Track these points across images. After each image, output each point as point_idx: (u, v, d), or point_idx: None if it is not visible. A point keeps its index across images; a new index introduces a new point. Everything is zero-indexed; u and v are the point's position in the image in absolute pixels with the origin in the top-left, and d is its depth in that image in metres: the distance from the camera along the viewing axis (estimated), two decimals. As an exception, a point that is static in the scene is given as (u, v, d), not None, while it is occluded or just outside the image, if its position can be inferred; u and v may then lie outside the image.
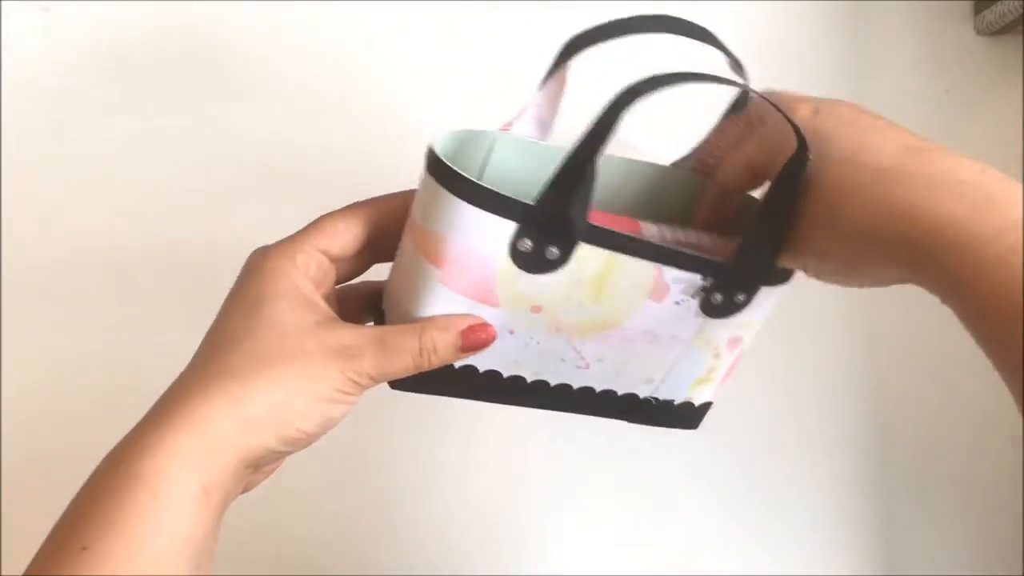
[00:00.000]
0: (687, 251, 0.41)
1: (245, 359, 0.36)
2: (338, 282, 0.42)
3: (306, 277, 0.39)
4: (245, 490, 0.39)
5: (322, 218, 0.40)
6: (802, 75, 0.70)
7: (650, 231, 0.42)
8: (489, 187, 0.37)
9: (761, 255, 0.41)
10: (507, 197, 0.37)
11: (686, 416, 0.48)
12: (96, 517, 0.32)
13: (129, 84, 0.68)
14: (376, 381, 0.38)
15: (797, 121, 0.36)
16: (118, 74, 0.68)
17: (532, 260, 0.38)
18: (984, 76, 0.70)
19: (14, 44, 0.67)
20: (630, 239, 0.40)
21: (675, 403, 0.47)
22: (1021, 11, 0.64)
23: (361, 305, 0.43)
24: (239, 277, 0.39)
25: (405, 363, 0.38)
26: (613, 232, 0.39)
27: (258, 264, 0.39)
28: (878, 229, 0.34)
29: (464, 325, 0.39)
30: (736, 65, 0.44)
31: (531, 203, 0.37)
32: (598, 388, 0.45)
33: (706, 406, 0.48)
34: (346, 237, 0.40)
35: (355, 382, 0.37)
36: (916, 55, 0.70)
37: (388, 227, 0.40)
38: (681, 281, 0.41)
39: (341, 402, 0.37)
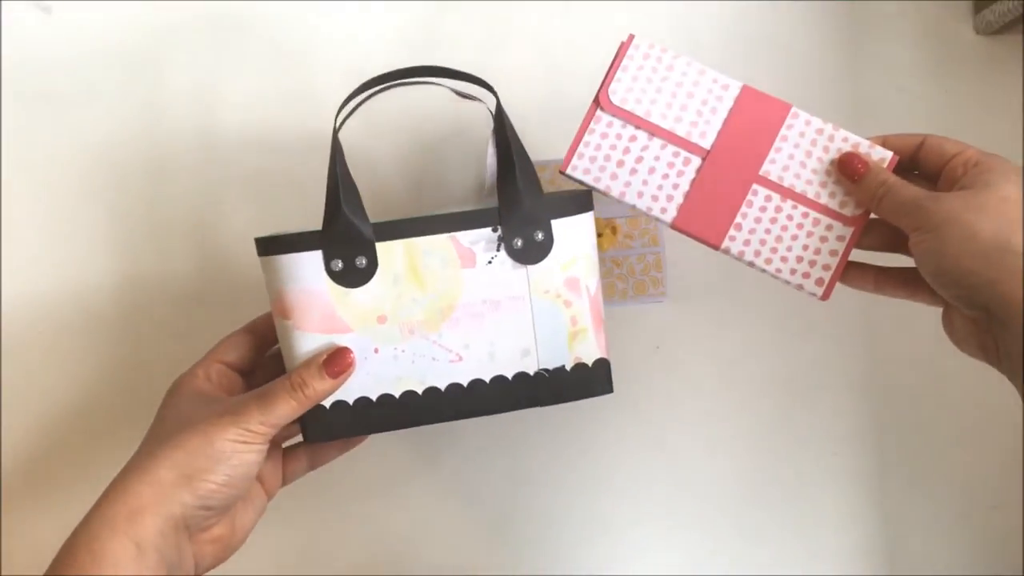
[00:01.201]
0: (460, 209, 0.47)
1: (155, 440, 0.45)
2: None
3: (207, 381, 0.49)
4: (201, 566, 0.46)
5: (220, 340, 0.51)
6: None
7: (803, 116, 0.50)
8: (283, 233, 0.46)
9: (520, 200, 0.46)
10: (300, 233, 0.46)
11: (590, 379, 0.50)
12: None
13: (130, 85, 0.68)
14: (270, 427, 0.45)
15: (1002, 161, 0.46)
16: (118, 74, 0.68)
17: (349, 275, 0.46)
18: (984, 76, 0.70)
19: (14, 44, 0.67)
20: (412, 221, 0.46)
21: (568, 368, 0.49)
22: (1021, 11, 0.64)
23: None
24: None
25: (286, 403, 0.45)
26: (395, 222, 0.46)
27: (170, 388, 0.49)
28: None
29: (324, 355, 0.46)
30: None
31: (319, 230, 0.46)
32: (487, 378, 0.49)
33: (603, 364, 0.50)
34: (238, 347, 0.51)
35: (250, 430, 0.44)
36: (916, 55, 0.70)
37: (272, 333, 0.50)
38: (477, 240, 0.47)
39: (242, 451, 0.43)
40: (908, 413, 0.70)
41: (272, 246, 0.46)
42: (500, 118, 0.47)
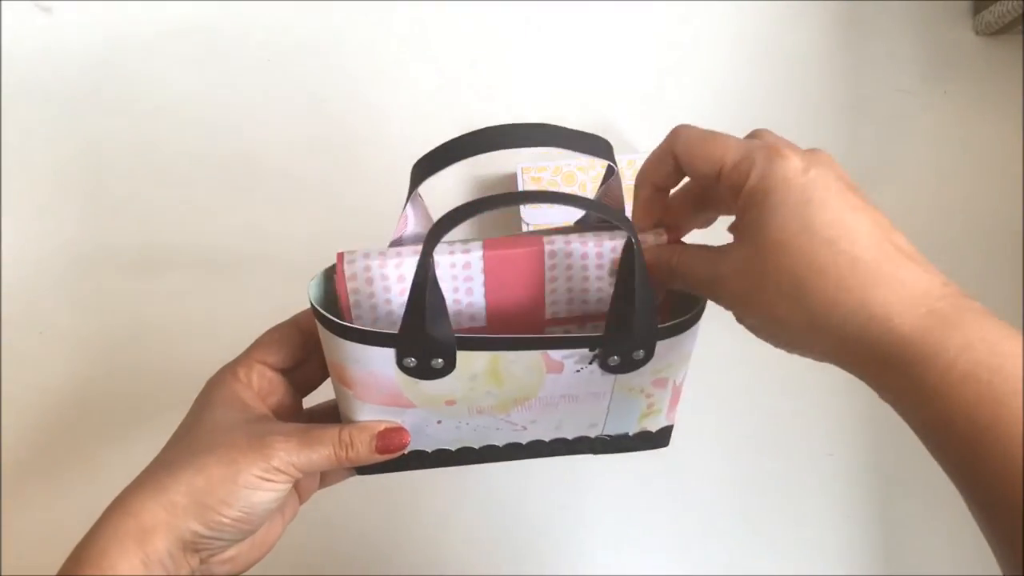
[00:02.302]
0: (559, 335, 0.42)
1: (177, 453, 0.41)
2: (300, 390, 0.47)
3: (247, 386, 0.44)
4: None
5: (263, 334, 0.46)
6: (801, 76, 0.70)
7: (559, 247, 0.41)
8: (357, 327, 0.40)
9: (631, 328, 0.41)
10: (374, 332, 0.40)
11: (650, 440, 0.49)
12: None
13: (129, 85, 0.68)
14: (301, 470, 0.41)
15: (787, 171, 0.36)
16: (119, 74, 0.68)
17: (422, 371, 0.41)
18: (983, 76, 0.70)
19: (14, 44, 0.67)
20: (502, 340, 0.41)
21: (630, 434, 0.48)
22: (1020, 11, 0.64)
23: (331, 423, 0.47)
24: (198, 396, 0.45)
25: (326, 453, 0.42)
26: (484, 337, 0.41)
27: (209, 381, 0.45)
28: (845, 319, 0.35)
29: (381, 427, 0.43)
30: (602, 149, 0.42)
31: (395, 332, 0.40)
32: (547, 439, 0.47)
33: (667, 429, 0.49)
34: (282, 348, 0.45)
35: (278, 469, 0.40)
36: (915, 55, 0.70)
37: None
38: (570, 356, 0.42)
39: (265, 489, 0.40)
40: (908, 413, 0.70)
41: (335, 329, 0.41)
42: (631, 249, 0.40)
